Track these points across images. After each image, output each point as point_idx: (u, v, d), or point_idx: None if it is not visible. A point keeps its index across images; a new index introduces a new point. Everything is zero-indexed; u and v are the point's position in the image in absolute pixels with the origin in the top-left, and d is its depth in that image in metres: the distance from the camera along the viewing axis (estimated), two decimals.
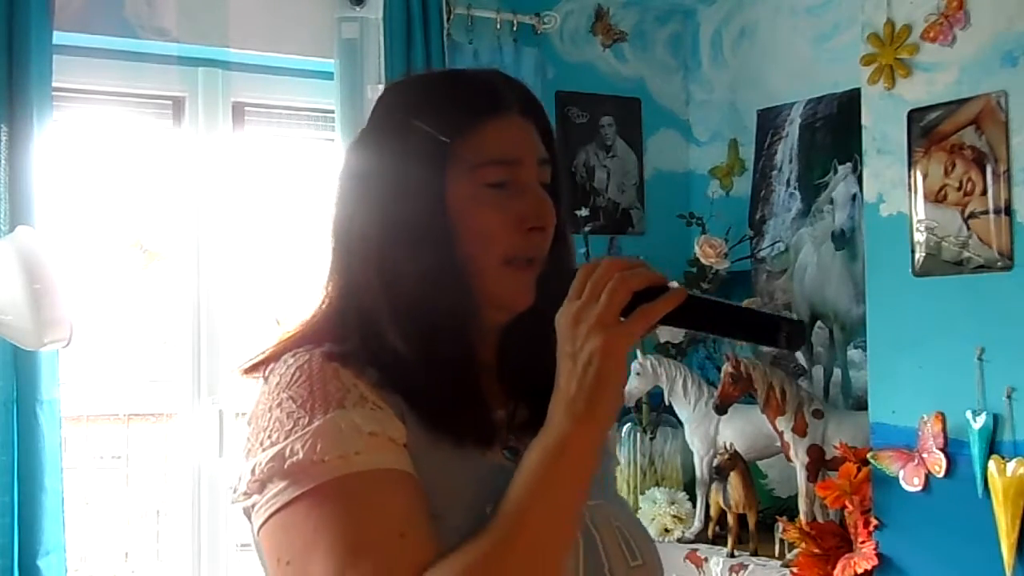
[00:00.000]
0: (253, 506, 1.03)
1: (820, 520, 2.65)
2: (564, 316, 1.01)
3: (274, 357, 1.11)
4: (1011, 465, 2.14)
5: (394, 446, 1.02)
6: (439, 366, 1.07)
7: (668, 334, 2.96)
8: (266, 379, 1.09)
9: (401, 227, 1.08)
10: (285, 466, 0.99)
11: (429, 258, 1.08)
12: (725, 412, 2.80)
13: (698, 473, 2.96)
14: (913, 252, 2.31)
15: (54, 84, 2.55)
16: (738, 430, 2.87)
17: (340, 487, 0.98)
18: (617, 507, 1.19)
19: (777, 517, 2.71)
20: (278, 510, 1.00)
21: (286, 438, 1.01)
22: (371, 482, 0.99)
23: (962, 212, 2.24)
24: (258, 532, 1.03)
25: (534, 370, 1.09)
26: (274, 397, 1.04)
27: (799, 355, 3.13)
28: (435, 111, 1.11)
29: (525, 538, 0.98)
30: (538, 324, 1.06)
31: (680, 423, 3.00)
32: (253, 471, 1.02)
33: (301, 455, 0.99)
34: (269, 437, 1.02)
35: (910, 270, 2.32)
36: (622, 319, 1.00)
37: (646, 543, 1.17)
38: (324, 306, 1.14)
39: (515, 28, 3.17)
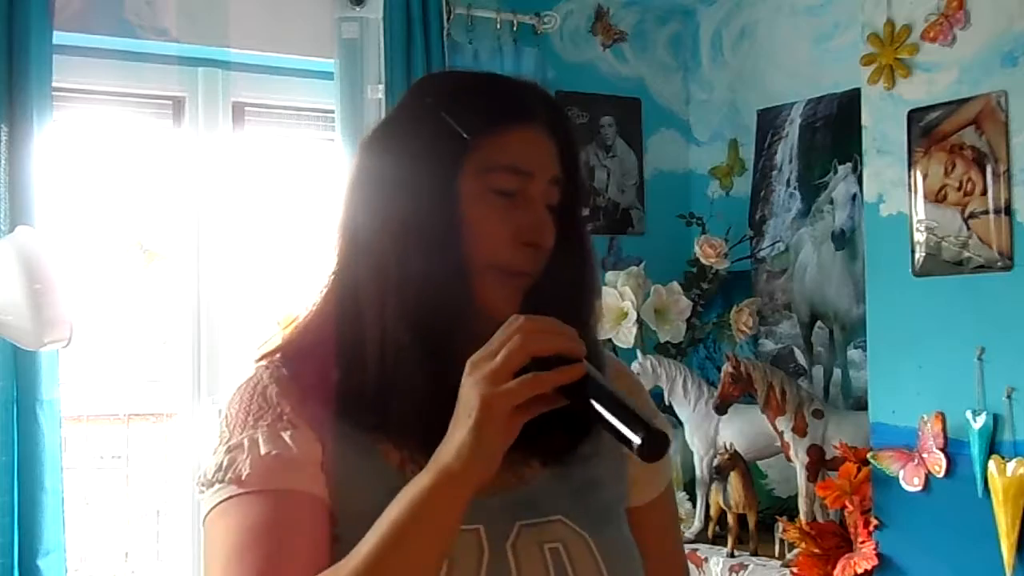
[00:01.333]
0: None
1: (820, 520, 2.65)
2: (468, 363, 0.98)
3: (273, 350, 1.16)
4: (1011, 465, 2.14)
5: (292, 466, 1.05)
6: (425, 374, 1.06)
7: (668, 334, 2.96)
8: None
9: (411, 216, 1.08)
10: (203, 480, 1.08)
11: (436, 249, 1.07)
12: (725, 412, 2.80)
13: (698, 473, 2.96)
14: (913, 252, 2.31)
15: (54, 84, 2.55)
16: (738, 430, 2.87)
17: (231, 506, 1.04)
18: (585, 524, 1.12)
19: (777, 517, 2.71)
20: (204, 518, 1.08)
21: (213, 453, 1.10)
22: (256, 503, 1.04)
23: (962, 212, 2.24)
24: None
25: None
26: (224, 410, 1.14)
27: (799, 355, 3.13)
28: (463, 108, 1.11)
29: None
30: None
31: (680, 423, 3.00)
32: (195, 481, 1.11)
33: (211, 472, 1.07)
34: (211, 448, 1.12)
35: (910, 270, 2.32)
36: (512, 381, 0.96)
37: (592, 566, 1.10)
38: (321, 301, 1.14)
39: (515, 28, 3.17)
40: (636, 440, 0.94)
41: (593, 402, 0.97)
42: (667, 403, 2.96)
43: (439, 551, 0.98)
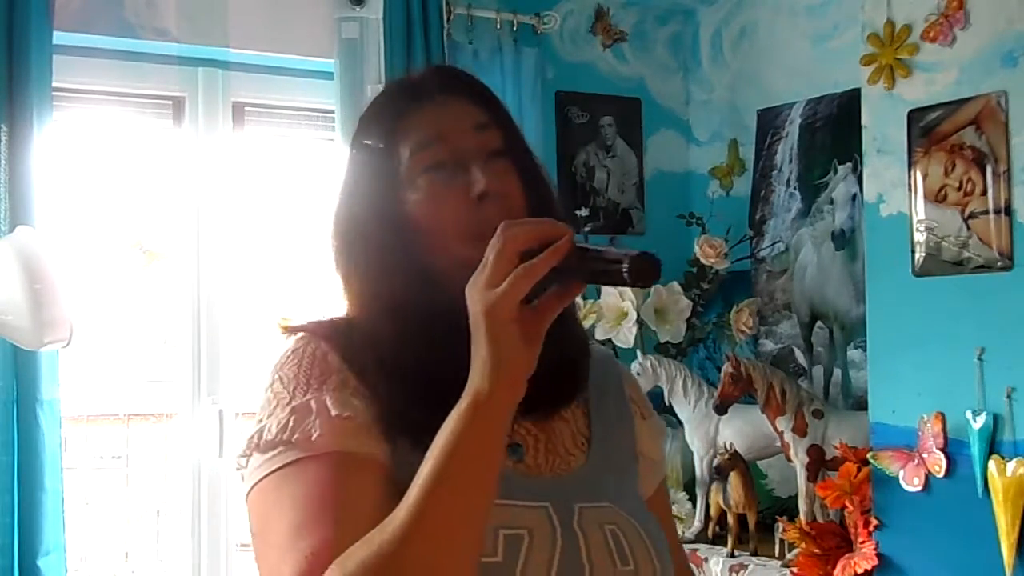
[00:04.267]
0: (242, 477, 1.09)
1: (820, 520, 2.65)
2: (467, 286, 0.98)
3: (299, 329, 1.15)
4: (1011, 465, 2.14)
5: (362, 430, 1.04)
6: (420, 368, 1.07)
7: (668, 334, 2.96)
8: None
9: (375, 236, 1.12)
10: (261, 443, 1.04)
11: (401, 260, 1.11)
12: (725, 412, 2.80)
13: (698, 473, 2.96)
14: (913, 252, 2.31)
15: (54, 84, 2.55)
16: (738, 430, 2.87)
17: (298, 468, 1.02)
18: (627, 513, 1.15)
19: (777, 517, 2.71)
20: (255, 483, 1.05)
21: (269, 416, 1.06)
22: (327, 465, 1.01)
23: (962, 212, 2.24)
24: (246, 500, 1.09)
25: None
26: (269, 377, 1.11)
27: (799, 355, 3.13)
28: (370, 123, 1.16)
29: (429, 519, 0.94)
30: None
31: (680, 423, 3.00)
32: (243, 445, 1.07)
33: (273, 433, 1.04)
34: (260, 413, 1.08)
35: (910, 270, 2.32)
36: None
37: (645, 549, 1.13)
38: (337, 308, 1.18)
39: (515, 28, 3.17)
40: (624, 264, 0.93)
41: (588, 261, 0.96)
42: (667, 403, 2.96)
43: (485, 482, 0.97)
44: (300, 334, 1.13)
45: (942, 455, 2.25)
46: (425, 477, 0.95)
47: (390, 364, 1.08)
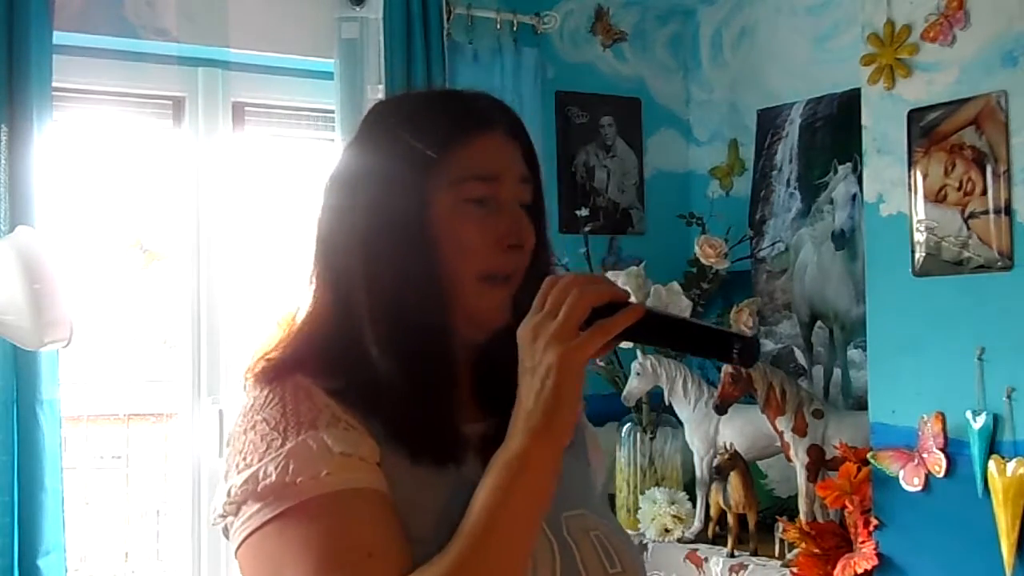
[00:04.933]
0: (230, 528, 1.06)
1: (820, 520, 2.65)
2: (524, 330, 1.02)
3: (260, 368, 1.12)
4: (1011, 465, 2.14)
5: (365, 465, 1.04)
6: (416, 383, 1.07)
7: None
8: (245, 392, 1.11)
9: (383, 239, 1.10)
10: (259, 488, 1.02)
11: (410, 269, 1.09)
12: (725, 412, 2.80)
13: (698, 473, 2.96)
14: (913, 252, 2.31)
15: (54, 84, 2.55)
16: (738, 430, 2.86)
17: (310, 508, 1.00)
18: (598, 516, 1.19)
19: (777, 517, 2.70)
20: (252, 532, 1.03)
21: (260, 460, 1.03)
22: (340, 502, 1.01)
23: (962, 212, 2.24)
24: (236, 553, 1.06)
25: (512, 387, 1.07)
26: (249, 420, 1.07)
27: (799, 355, 3.13)
28: (423, 126, 1.13)
29: (486, 556, 0.98)
30: (514, 342, 1.06)
31: (680, 423, 3.00)
32: (229, 493, 1.04)
33: (274, 477, 1.01)
34: (244, 459, 1.04)
35: (910, 270, 2.32)
36: (581, 334, 1.01)
37: (627, 551, 1.17)
38: (312, 313, 1.15)
39: (515, 28, 3.17)
40: (735, 346, 1.01)
41: (676, 331, 1.06)
42: (667, 403, 2.96)
43: (539, 511, 1.02)
44: (273, 383, 1.09)
45: (942, 455, 2.25)
46: (480, 513, 0.99)
47: (385, 381, 1.07)
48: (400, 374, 1.07)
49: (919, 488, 2.29)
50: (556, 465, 1.02)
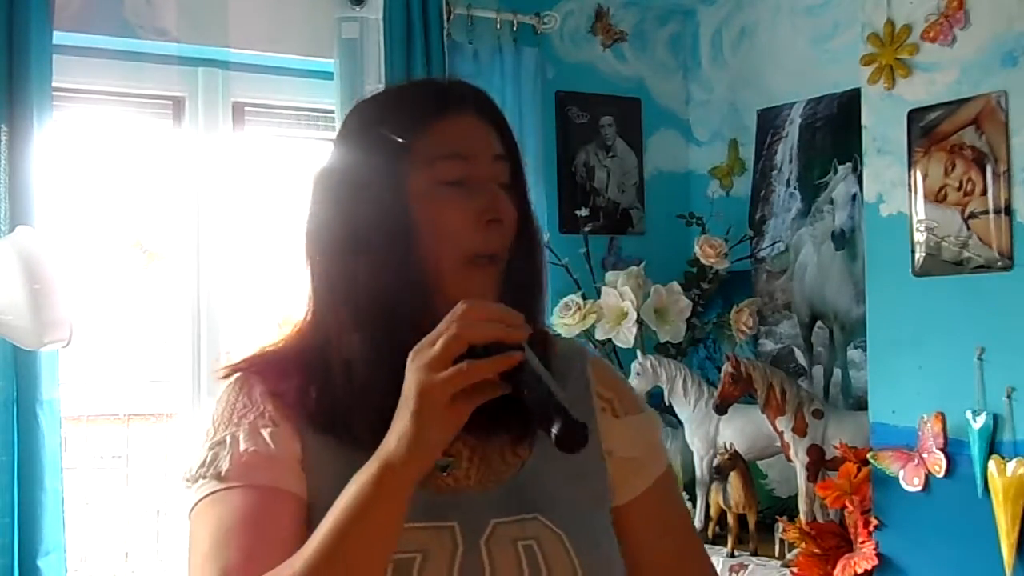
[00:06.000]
0: None
1: (820, 520, 2.65)
2: (413, 350, 0.99)
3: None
4: (1011, 465, 2.14)
5: (274, 463, 1.08)
6: (391, 373, 1.04)
7: (668, 334, 2.96)
8: None
9: (364, 227, 1.11)
10: (188, 476, 1.12)
11: (391, 254, 1.10)
12: (725, 412, 2.80)
13: (698, 473, 2.96)
14: (913, 252, 2.31)
15: (54, 84, 2.55)
16: (738, 430, 2.87)
17: (214, 500, 1.08)
18: (561, 520, 1.13)
19: (777, 517, 2.71)
20: (188, 514, 1.12)
21: (197, 451, 1.13)
22: (237, 497, 1.07)
23: (962, 212, 2.24)
24: None
25: None
26: (212, 410, 1.17)
27: (799, 355, 3.13)
28: (392, 115, 1.15)
29: (335, 567, 0.97)
30: None
31: (680, 423, 3.00)
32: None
33: (194, 469, 1.11)
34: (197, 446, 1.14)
35: (910, 270, 2.32)
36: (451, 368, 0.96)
37: (566, 563, 1.10)
38: (305, 314, 1.18)
39: (515, 28, 3.17)
40: (553, 429, 0.94)
41: (524, 390, 0.97)
42: (667, 403, 2.96)
43: (384, 541, 0.99)
44: (236, 374, 1.17)
45: (942, 455, 2.25)
46: (325, 533, 0.98)
47: (360, 364, 1.09)
48: (377, 369, 1.07)
49: (919, 488, 2.29)
50: (403, 500, 0.98)
